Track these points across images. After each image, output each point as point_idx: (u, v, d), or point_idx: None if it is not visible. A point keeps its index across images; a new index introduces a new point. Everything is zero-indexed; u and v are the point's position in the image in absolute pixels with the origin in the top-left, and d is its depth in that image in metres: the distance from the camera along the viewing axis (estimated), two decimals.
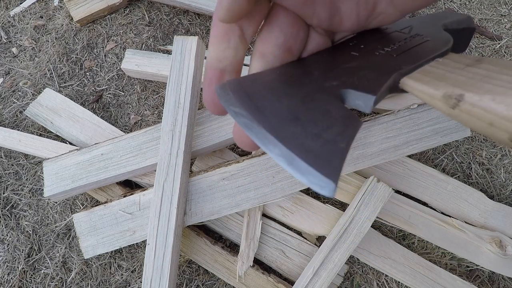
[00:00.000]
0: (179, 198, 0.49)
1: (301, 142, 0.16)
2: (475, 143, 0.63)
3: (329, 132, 0.17)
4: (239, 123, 0.17)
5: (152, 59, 0.63)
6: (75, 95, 0.69)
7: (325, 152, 0.16)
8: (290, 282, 0.54)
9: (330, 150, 0.16)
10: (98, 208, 0.54)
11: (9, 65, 0.73)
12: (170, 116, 0.50)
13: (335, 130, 0.17)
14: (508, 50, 0.69)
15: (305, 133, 0.16)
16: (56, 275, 0.59)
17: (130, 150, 0.54)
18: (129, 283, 0.59)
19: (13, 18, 0.77)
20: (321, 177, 0.15)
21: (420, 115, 0.51)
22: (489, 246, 0.52)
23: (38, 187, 0.64)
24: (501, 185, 0.61)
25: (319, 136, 0.16)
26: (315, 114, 0.17)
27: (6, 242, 0.61)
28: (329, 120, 0.17)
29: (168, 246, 0.48)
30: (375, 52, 0.22)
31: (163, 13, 0.74)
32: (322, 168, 0.15)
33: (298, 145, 0.16)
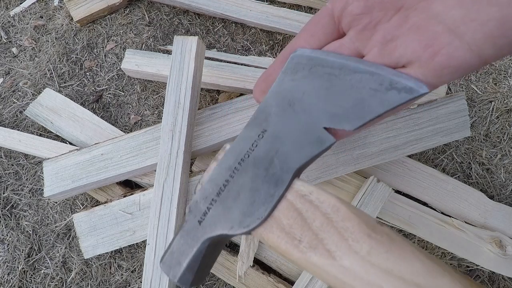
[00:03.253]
0: (179, 198, 0.49)
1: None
2: (475, 143, 0.63)
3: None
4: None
5: (152, 59, 0.63)
6: (75, 95, 0.69)
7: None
8: (290, 282, 0.54)
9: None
10: (98, 208, 0.54)
11: (9, 65, 0.73)
12: (170, 116, 0.50)
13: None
14: None
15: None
16: (56, 275, 0.59)
17: (130, 150, 0.54)
18: (129, 283, 0.59)
19: (13, 18, 0.77)
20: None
21: (420, 115, 0.51)
22: (489, 246, 0.52)
23: (38, 187, 0.64)
24: (501, 185, 0.61)
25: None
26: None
27: (6, 242, 0.61)
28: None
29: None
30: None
31: (163, 13, 0.74)
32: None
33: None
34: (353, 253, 0.21)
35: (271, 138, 0.27)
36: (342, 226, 0.22)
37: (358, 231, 0.22)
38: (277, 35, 0.70)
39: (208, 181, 0.27)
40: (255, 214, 0.24)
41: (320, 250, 0.22)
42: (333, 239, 0.22)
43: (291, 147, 0.26)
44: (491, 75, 0.67)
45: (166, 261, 0.27)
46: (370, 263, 0.21)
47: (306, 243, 0.23)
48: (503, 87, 0.66)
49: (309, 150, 0.25)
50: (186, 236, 0.26)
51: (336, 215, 0.23)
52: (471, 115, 0.65)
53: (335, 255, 0.22)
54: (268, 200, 0.24)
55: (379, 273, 0.21)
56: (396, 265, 0.21)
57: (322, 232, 0.23)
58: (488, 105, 0.66)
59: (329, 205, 0.23)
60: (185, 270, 0.25)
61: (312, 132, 0.26)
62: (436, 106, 0.51)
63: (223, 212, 0.25)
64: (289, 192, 0.25)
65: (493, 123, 0.65)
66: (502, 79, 0.67)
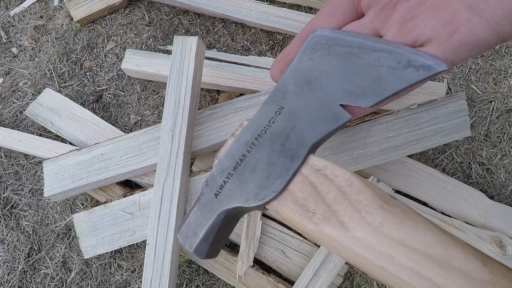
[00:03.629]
0: (179, 198, 0.49)
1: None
2: (475, 143, 0.63)
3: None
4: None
5: (152, 59, 0.63)
6: (75, 95, 0.69)
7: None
8: (290, 282, 0.54)
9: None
10: (98, 208, 0.54)
11: (9, 65, 0.73)
12: (170, 116, 0.50)
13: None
14: (508, 50, 0.69)
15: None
16: (56, 275, 0.59)
17: (130, 150, 0.54)
18: (129, 283, 0.59)
19: (13, 18, 0.77)
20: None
21: (421, 115, 0.51)
22: (489, 246, 0.52)
23: (38, 187, 0.64)
24: (501, 185, 0.61)
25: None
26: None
27: (6, 242, 0.61)
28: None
29: (168, 246, 0.48)
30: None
31: (163, 13, 0.74)
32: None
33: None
34: (365, 224, 0.22)
35: (288, 114, 0.27)
36: (355, 198, 0.23)
37: (371, 203, 0.22)
38: (277, 35, 0.70)
39: (225, 156, 0.28)
40: (271, 187, 0.25)
41: (333, 221, 0.23)
42: (347, 211, 0.23)
43: (308, 123, 0.27)
44: (491, 75, 0.67)
45: (183, 232, 0.28)
46: (382, 233, 0.21)
47: (320, 215, 0.23)
48: (503, 87, 0.66)
49: (325, 126, 0.26)
50: (203, 208, 0.27)
51: (350, 188, 0.23)
52: (471, 115, 0.65)
53: (348, 226, 0.22)
54: (284, 174, 0.25)
55: (391, 243, 0.21)
56: (408, 236, 0.21)
57: (335, 204, 0.23)
58: (488, 105, 0.66)
59: (344, 179, 0.24)
60: (201, 240, 0.26)
61: (329, 108, 0.27)
62: (436, 106, 0.51)
63: (239, 185, 0.26)
64: (304, 167, 0.25)
65: (493, 123, 0.65)
66: (502, 79, 0.67)
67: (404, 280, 0.20)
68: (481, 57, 0.69)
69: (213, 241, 0.27)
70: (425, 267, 0.20)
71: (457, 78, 0.68)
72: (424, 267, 0.20)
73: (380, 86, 0.25)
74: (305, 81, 0.28)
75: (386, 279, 0.21)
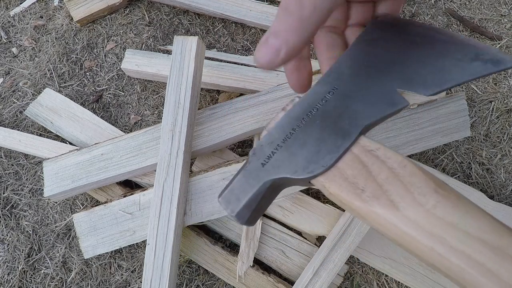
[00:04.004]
0: (179, 198, 0.49)
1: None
2: (475, 143, 0.63)
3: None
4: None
5: (152, 59, 0.63)
6: (75, 95, 0.69)
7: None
8: (290, 282, 0.54)
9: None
10: (98, 208, 0.54)
11: (9, 65, 0.73)
12: (170, 116, 0.50)
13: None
14: (508, 50, 0.69)
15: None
16: (56, 275, 0.59)
17: (130, 150, 0.54)
18: (129, 283, 0.59)
19: (13, 18, 0.77)
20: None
21: (420, 115, 0.51)
22: None
23: (38, 187, 0.64)
24: (501, 185, 0.61)
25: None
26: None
27: (6, 242, 0.61)
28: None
29: (168, 246, 0.48)
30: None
31: (163, 13, 0.74)
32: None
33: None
34: (418, 205, 0.21)
35: (342, 95, 0.27)
36: (408, 180, 0.22)
37: (425, 186, 0.22)
38: None
39: (274, 128, 0.28)
40: (320, 162, 0.25)
41: (384, 200, 0.22)
42: (398, 191, 0.22)
43: (363, 105, 0.26)
44: (491, 75, 0.67)
45: (226, 196, 0.28)
46: (435, 216, 0.21)
47: (370, 192, 0.23)
48: (503, 87, 0.66)
49: (380, 109, 0.26)
50: (248, 175, 0.27)
51: (403, 170, 0.23)
52: (471, 115, 0.65)
53: (399, 206, 0.22)
54: (334, 150, 0.25)
55: (443, 226, 0.20)
56: (462, 220, 0.20)
57: (387, 184, 0.23)
58: (488, 105, 0.66)
59: (396, 161, 0.23)
60: (244, 206, 0.26)
61: (385, 93, 0.26)
62: (436, 106, 0.51)
63: (288, 157, 0.26)
64: (355, 146, 0.25)
65: (493, 123, 0.65)
66: (502, 79, 0.67)
67: (453, 263, 0.20)
68: None
69: (255, 209, 0.27)
70: (478, 252, 0.19)
71: None
72: (476, 251, 0.19)
73: (443, 76, 0.24)
74: (363, 65, 0.27)
75: (434, 260, 0.20)
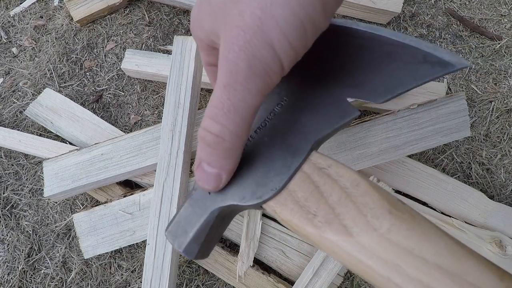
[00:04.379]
0: (179, 198, 0.49)
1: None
2: (475, 143, 0.63)
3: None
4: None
5: (152, 59, 0.63)
6: (75, 95, 0.69)
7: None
8: (290, 282, 0.54)
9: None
10: (98, 208, 0.54)
11: (9, 65, 0.73)
12: (170, 116, 0.50)
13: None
14: (508, 50, 0.69)
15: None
16: (56, 275, 0.59)
17: (130, 150, 0.54)
18: (129, 283, 0.59)
19: (13, 18, 0.77)
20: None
21: (420, 115, 0.51)
22: (489, 246, 0.52)
23: (38, 187, 0.64)
24: (501, 185, 0.61)
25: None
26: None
27: (6, 242, 0.61)
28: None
29: (168, 246, 0.48)
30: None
31: (163, 13, 0.74)
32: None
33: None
34: (371, 229, 0.20)
35: (291, 108, 0.25)
36: (361, 201, 0.21)
37: (378, 207, 0.21)
38: None
39: None
40: (269, 184, 0.23)
41: (336, 225, 0.21)
42: (351, 214, 0.21)
43: (312, 117, 0.25)
44: (491, 75, 0.67)
45: (172, 230, 0.26)
46: (389, 241, 0.19)
47: (321, 217, 0.21)
48: (503, 87, 0.66)
49: (330, 121, 0.24)
50: (194, 204, 0.25)
51: (355, 190, 0.22)
52: (471, 115, 0.65)
53: (352, 231, 0.20)
54: (284, 171, 0.23)
55: (398, 252, 0.19)
56: (417, 245, 0.19)
57: (339, 206, 0.21)
58: (488, 105, 0.66)
59: (349, 179, 0.22)
60: (191, 240, 0.25)
61: (335, 103, 0.24)
62: (436, 106, 0.51)
63: (235, 181, 0.24)
64: (306, 164, 0.24)
65: (493, 123, 0.65)
66: (502, 79, 0.67)
67: None
68: (481, 57, 0.69)
69: (204, 241, 0.25)
70: (436, 280, 0.18)
71: (457, 78, 0.68)
72: (434, 279, 0.18)
73: (392, 81, 0.23)
74: (311, 73, 0.26)
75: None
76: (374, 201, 0.21)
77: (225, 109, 0.20)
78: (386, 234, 0.20)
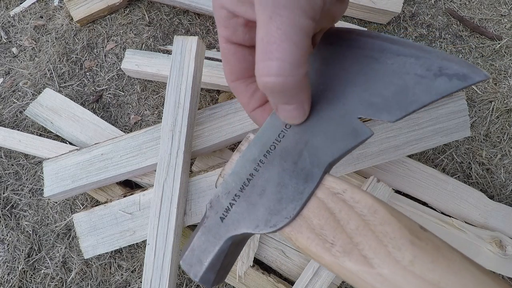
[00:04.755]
0: (179, 198, 0.49)
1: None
2: (475, 143, 0.63)
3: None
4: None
5: (152, 59, 0.63)
6: (75, 95, 0.69)
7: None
8: (290, 282, 0.54)
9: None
10: (98, 208, 0.54)
11: (9, 65, 0.73)
12: (170, 116, 0.50)
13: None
14: (508, 50, 0.69)
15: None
16: (56, 275, 0.59)
17: (130, 150, 0.54)
18: (129, 283, 0.59)
19: (13, 18, 0.77)
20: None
21: (420, 115, 0.51)
22: (489, 246, 0.52)
23: (38, 187, 0.64)
24: (501, 185, 0.61)
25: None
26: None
27: (6, 242, 0.61)
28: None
29: (168, 246, 0.48)
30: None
31: (163, 13, 0.74)
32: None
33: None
34: (393, 261, 0.19)
35: (300, 128, 0.24)
36: (380, 230, 0.20)
37: (399, 237, 0.20)
38: None
39: (230, 174, 0.25)
40: (283, 212, 0.22)
41: (356, 255, 0.20)
42: (370, 244, 0.20)
43: (323, 139, 0.23)
44: (491, 75, 0.67)
45: (187, 258, 0.25)
46: (413, 273, 0.18)
47: (339, 246, 0.21)
48: (503, 87, 0.66)
49: (343, 143, 0.23)
50: (208, 233, 0.24)
51: (373, 218, 0.21)
52: (471, 115, 0.65)
53: (372, 263, 0.19)
54: (297, 198, 0.22)
55: (423, 286, 0.18)
56: (443, 278, 0.18)
57: (357, 235, 0.20)
58: (488, 105, 0.66)
59: (366, 205, 0.21)
60: (207, 269, 0.24)
61: (346, 122, 0.23)
62: (436, 106, 0.51)
63: (247, 209, 0.24)
64: (320, 189, 0.23)
65: (493, 123, 0.65)
66: (502, 79, 0.67)
67: None
68: (481, 57, 0.69)
69: (219, 269, 0.25)
70: None
71: None
72: None
73: (406, 97, 0.22)
74: (319, 89, 0.24)
75: None
76: (394, 230, 0.20)
77: (277, 41, 0.18)
78: (409, 266, 0.19)
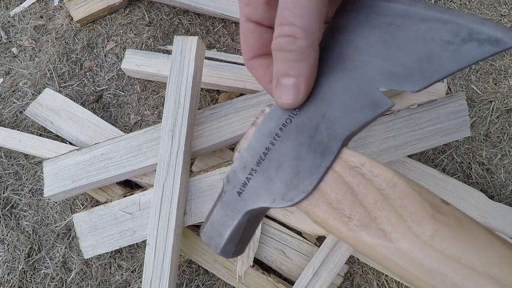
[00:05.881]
0: (179, 198, 0.49)
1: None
2: (475, 143, 0.63)
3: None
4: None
5: (152, 59, 0.63)
6: (75, 95, 0.69)
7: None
8: (290, 282, 0.54)
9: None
10: (98, 208, 0.54)
11: (9, 65, 0.73)
12: (170, 116, 0.50)
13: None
14: (508, 50, 0.69)
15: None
16: (56, 275, 0.59)
17: (130, 150, 0.54)
18: (129, 283, 0.59)
19: (13, 18, 0.77)
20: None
21: (420, 115, 0.51)
22: None
23: (38, 187, 0.64)
24: (501, 185, 0.61)
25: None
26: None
27: (6, 242, 0.61)
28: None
29: (168, 246, 0.48)
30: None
31: (163, 13, 0.74)
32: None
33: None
34: (413, 235, 0.18)
35: (316, 100, 0.23)
36: (400, 204, 0.19)
37: (419, 211, 0.19)
38: None
39: (246, 149, 0.25)
40: (300, 187, 0.22)
41: (373, 230, 0.19)
42: (389, 218, 0.19)
43: (340, 111, 0.22)
44: (491, 75, 0.67)
45: (207, 232, 0.25)
46: (433, 248, 0.18)
47: (357, 220, 0.20)
48: (503, 87, 0.66)
49: (361, 115, 0.22)
50: (226, 207, 0.25)
51: (392, 191, 0.20)
52: (471, 115, 0.65)
53: (391, 237, 0.19)
54: (314, 172, 0.22)
55: (444, 260, 0.17)
56: (465, 253, 0.17)
57: (376, 210, 0.20)
58: (488, 105, 0.66)
59: (385, 179, 0.20)
60: (227, 242, 0.24)
61: (365, 93, 0.22)
62: (436, 106, 0.51)
63: (264, 183, 0.23)
64: (338, 163, 0.22)
65: (493, 123, 0.65)
66: (502, 79, 0.67)
67: None
68: None
69: (239, 241, 0.25)
70: None
71: (457, 78, 0.68)
72: None
73: (431, 66, 0.20)
74: (337, 59, 0.23)
75: None
76: (414, 204, 0.19)
77: (291, 7, 0.19)
78: (429, 241, 0.18)
